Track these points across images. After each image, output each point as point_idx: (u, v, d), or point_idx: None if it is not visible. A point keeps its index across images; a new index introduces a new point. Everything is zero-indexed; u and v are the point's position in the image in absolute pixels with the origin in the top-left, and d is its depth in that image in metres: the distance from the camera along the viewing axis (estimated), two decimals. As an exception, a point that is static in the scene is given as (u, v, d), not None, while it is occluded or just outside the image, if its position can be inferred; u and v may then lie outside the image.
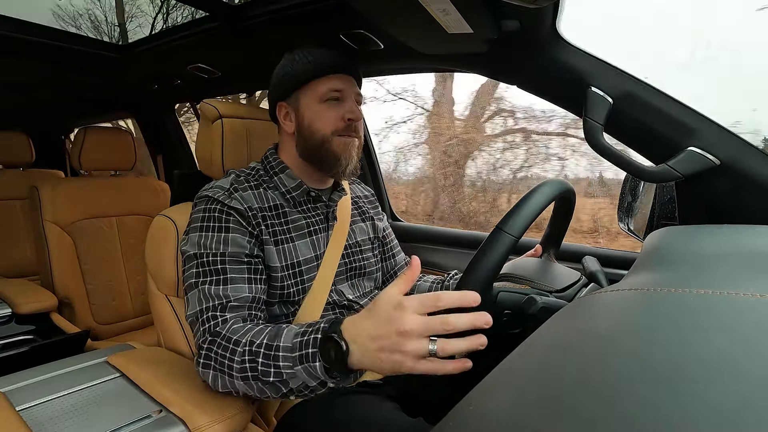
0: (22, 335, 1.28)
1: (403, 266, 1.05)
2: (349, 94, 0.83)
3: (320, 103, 0.82)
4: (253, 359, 0.60)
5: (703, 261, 0.44)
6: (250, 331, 0.65)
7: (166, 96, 1.83)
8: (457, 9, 0.64)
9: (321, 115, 0.82)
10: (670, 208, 0.75)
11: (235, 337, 0.64)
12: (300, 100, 0.84)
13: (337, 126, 0.81)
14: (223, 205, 0.76)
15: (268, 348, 0.60)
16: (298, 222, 0.83)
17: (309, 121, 0.82)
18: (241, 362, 0.61)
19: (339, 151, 0.82)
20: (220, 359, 0.64)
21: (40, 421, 0.64)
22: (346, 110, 0.82)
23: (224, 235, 0.74)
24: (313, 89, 0.83)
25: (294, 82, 0.83)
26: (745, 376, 0.24)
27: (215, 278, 0.71)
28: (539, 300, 0.62)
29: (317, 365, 0.56)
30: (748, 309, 0.31)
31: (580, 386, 0.26)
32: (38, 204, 1.45)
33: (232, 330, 0.66)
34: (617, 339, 0.30)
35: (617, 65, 0.74)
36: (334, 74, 0.82)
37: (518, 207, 0.60)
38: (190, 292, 0.72)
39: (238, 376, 0.62)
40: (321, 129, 0.82)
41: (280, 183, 0.84)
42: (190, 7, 1.02)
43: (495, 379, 0.31)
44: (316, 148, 0.82)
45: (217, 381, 0.65)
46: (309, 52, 0.84)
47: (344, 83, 0.83)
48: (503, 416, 0.26)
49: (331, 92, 0.82)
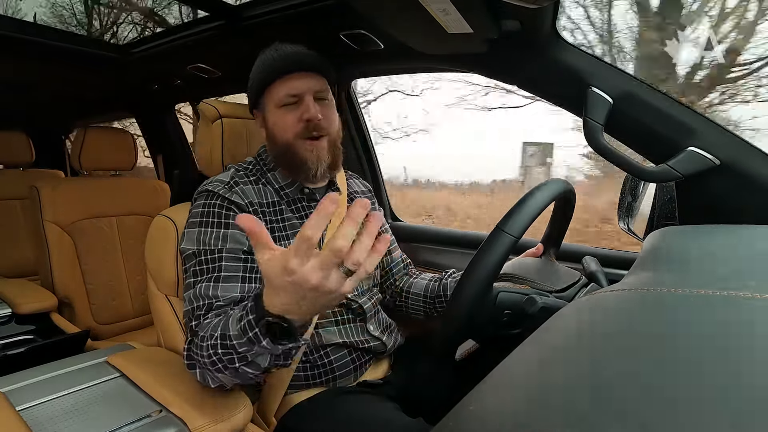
0: (22, 335, 1.28)
1: (400, 263, 1.05)
2: (305, 95, 0.80)
3: (278, 108, 0.81)
4: (215, 351, 0.59)
5: (703, 261, 0.44)
6: (209, 325, 0.64)
7: (166, 96, 1.83)
8: (457, 9, 0.64)
9: (280, 120, 0.80)
10: (670, 208, 0.75)
11: (201, 333, 0.63)
12: (264, 106, 0.83)
13: (296, 129, 0.79)
14: (224, 199, 0.76)
15: (222, 338, 0.58)
16: (292, 221, 0.83)
17: (272, 128, 0.82)
18: (208, 356, 0.60)
19: (305, 156, 0.80)
20: (197, 357, 0.63)
21: (40, 421, 0.64)
22: (302, 111, 0.79)
23: (223, 231, 0.74)
24: (270, 95, 0.81)
25: (255, 89, 0.83)
26: (745, 376, 0.24)
27: (210, 276, 0.71)
28: (539, 300, 0.62)
29: (266, 342, 0.54)
30: (748, 309, 0.31)
31: (580, 386, 0.26)
32: (38, 204, 1.45)
33: (204, 326, 0.65)
34: (617, 339, 0.30)
35: (617, 65, 0.74)
36: (287, 75, 0.79)
37: (518, 207, 0.60)
38: (186, 292, 0.72)
39: (212, 369, 0.61)
40: (282, 135, 0.80)
41: (274, 179, 0.84)
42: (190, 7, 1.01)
43: (495, 379, 0.31)
44: (282, 153, 0.81)
45: (206, 377, 0.65)
46: (266, 56, 0.82)
47: (300, 83, 0.79)
48: (503, 416, 0.26)
49: (287, 97, 0.79)
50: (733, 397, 0.22)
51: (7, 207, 1.96)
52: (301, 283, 0.46)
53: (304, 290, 0.47)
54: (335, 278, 0.46)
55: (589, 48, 3.99)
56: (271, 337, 0.53)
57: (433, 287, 0.97)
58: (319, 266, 0.45)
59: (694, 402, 0.22)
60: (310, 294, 0.47)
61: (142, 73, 1.55)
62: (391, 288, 1.03)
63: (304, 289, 0.47)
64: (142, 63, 1.41)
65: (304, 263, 0.45)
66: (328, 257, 0.45)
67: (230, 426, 0.66)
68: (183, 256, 0.76)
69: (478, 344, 0.70)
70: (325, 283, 0.46)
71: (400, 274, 1.05)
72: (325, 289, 0.46)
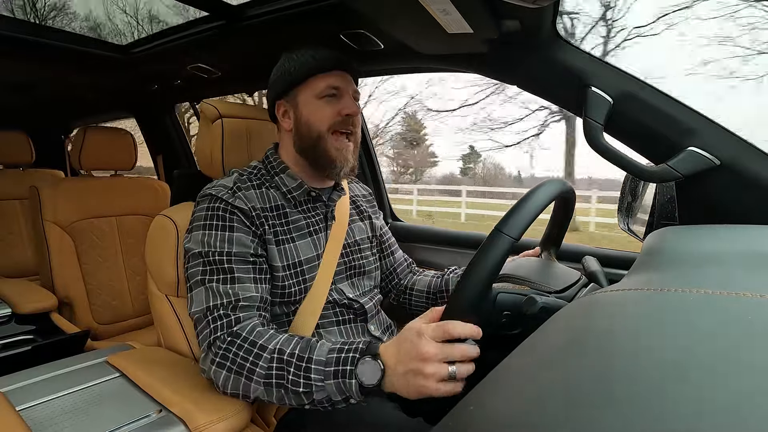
0: (22, 335, 1.28)
1: (403, 262, 1.06)
2: (346, 91, 0.84)
3: (318, 99, 0.82)
4: (282, 368, 0.62)
5: (703, 261, 0.44)
6: (274, 338, 0.65)
7: (166, 96, 1.83)
8: (457, 9, 0.64)
9: (318, 111, 0.82)
10: (670, 208, 0.75)
11: (260, 341, 0.65)
12: (298, 97, 0.84)
13: (333, 121, 0.82)
14: (227, 204, 0.76)
15: (299, 359, 0.61)
16: (299, 222, 0.83)
17: (306, 118, 0.83)
18: (267, 368, 0.62)
19: (334, 154, 0.82)
20: (241, 362, 0.64)
21: (40, 421, 0.64)
22: (343, 105, 0.82)
23: (229, 234, 0.74)
24: (311, 86, 0.83)
25: (292, 79, 0.84)
26: (745, 375, 0.24)
27: (222, 277, 0.71)
28: (539, 300, 0.62)
29: (353, 382, 0.59)
30: (749, 309, 0.31)
31: (580, 386, 0.26)
32: (38, 204, 1.45)
33: (256, 333, 0.66)
34: (617, 339, 0.30)
35: (617, 65, 0.74)
36: (331, 71, 0.83)
37: (517, 208, 0.60)
38: (196, 289, 0.72)
39: (261, 380, 0.63)
40: (317, 125, 0.82)
41: (281, 183, 0.84)
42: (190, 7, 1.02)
43: (495, 379, 0.31)
44: (312, 145, 0.83)
45: (229, 382, 0.65)
46: (307, 51, 0.84)
47: (342, 80, 0.83)
48: (503, 416, 0.26)
49: (328, 89, 0.82)
50: (734, 397, 0.22)
51: (7, 207, 1.96)
52: (418, 346, 0.55)
53: (414, 354, 0.55)
54: (441, 367, 0.54)
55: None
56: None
57: (435, 283, 0.99)
58: (441, 348, 0.54)
59: (695, 402, 0.22)
60: (415, 363, 0.55)
61: (142, 73, 1.54)
62: (396, 288, 1.05)
63: (414, 352, 0.55)
64: (142, 63, 1.41)
65: (434, 338, 0.55)
66: (454, 350, 0.55)
67: (230, 426, 0.66)
68: (187, 255, 0.76)
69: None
70: (432, 362, 0.54)
71: (405, 273, 1.06)
72: (427, 366, 0.54)
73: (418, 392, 0.55)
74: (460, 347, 0.55)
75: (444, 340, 0.55)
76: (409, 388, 0.56)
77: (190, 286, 0.74)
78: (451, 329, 0.55)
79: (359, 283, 0.91)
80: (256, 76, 1.39)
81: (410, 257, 1.11)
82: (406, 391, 0.56)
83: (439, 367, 0.54)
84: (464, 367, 0.55)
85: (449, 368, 0.54)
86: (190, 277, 0.74)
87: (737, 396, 0.22)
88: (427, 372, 0.54)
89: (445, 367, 0.54)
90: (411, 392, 0.56)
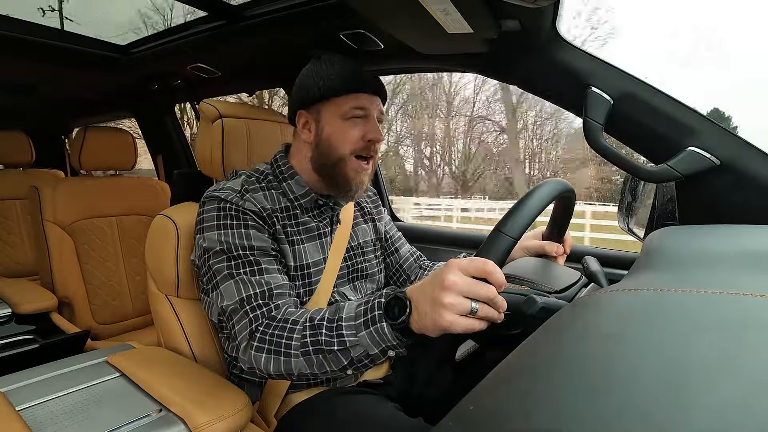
0: (22, 335, 1.28)
1: (408, 258, 1.04)
2: (372, 113, 0.81)
3: (343, 120, 0.80)
4: (315, 332, 0.61)
5: (703, 261, 0.44)
6: (307, 312, 0.66)
7: (166, 96, 1.83)
8: (457, 9, 0.64)
9: (342, 132, 0.80)
10: (670, 208, 0.75)
11: (292, 317, 0.65)
12: (321, 112, 0.81)
13: (356, 146, 0.80)
14: (238, 206, 0.75)
15: (330, 321, 0.61)
16: (309, 224, 0.83)
17: (328, 137, 0.80)
18: (302, 337, 0.62)
19: (351, 177, 0.80)
20: (277, 339, 0.64)
21: (40, 421, 0.64)
22: (368, 130, 0.80)
23: (245, 231, 0.74)
24: (336, 104, 0.80)
25: (318, 94, 0.81)
26: (745, 376, 0.24)
27: (250, 269, 0.71)
28: (539, 300, 0.62)
29: (383, 326, 0.57)
30: (749, 309, 0.31)
31: (580, 386, 0.26)
32: (38, 204, 1.45)
33: (288, 312, 0.67)
34: (617, 339, 0.30)
35: (617, 65, 0.74)
36: (359, 93, 0.80)
37: (517, 208, 0.60)
38: (225, 283, 0.71)
39: (298, 352, 0.62)
40: (340, 147, 0.80)
41: (289, 189, 0.83)
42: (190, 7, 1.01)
43: (495, 379, 0.31)
44: (331, 165, 0.81)
45: (270, 363, 0.64)
46: (335, 65, 0.81)
47: (369, 101, 0.81)
48: (503, 416, 0.26)
49: (354, 110, 0.79)
50: (733, 397, 0.22)
51: (7, 207, 1.96)
52: (442, 275, 0.52)
53: (437, 284, 0.52)
54: (462, 301, 0.51)
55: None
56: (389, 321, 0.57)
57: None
58: (466, 281, 0.52)
59: (695, 401, 0.22)
60: (437, 292, 0.52)
61: (142, 73, 1.55)
62: (405, 285, 1.03)
63: (438, 282, 0.52)
64: (142, 63, 1.41)
65: (462, 270, 0.52)
66: (481, 287, 0.52)
67: (230, 425, 0.66)
68: (208, 253, 0.74)
69: (478, 344, 0.70)
70: (452, 292, 0.51)
71: (412, 269, 1.04)
72: (446, 296, 0.51)
73: (435, 324, 0.52)
74: (487, 287, 0.52)
75: (474, 278, 0.53)
76: (428, 319, 0.53)
77: (217, 282, 0.73)
78: (483, 264, 0.52)
79: (361, 286, 0.90)
80: (256, 77, 1.39)
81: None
82: (428, 325, 0.53)
83: (460, 299, 0.51)
84: (487, 308, 0.53)
85: (471, 304, 0.52)
86: (217, 273, 0.73)
87: (736, 396, 0.22)
88: (446, 301, 0.51)
89: (467, 302, 0.52)
90: (429, 325, 0.53)
